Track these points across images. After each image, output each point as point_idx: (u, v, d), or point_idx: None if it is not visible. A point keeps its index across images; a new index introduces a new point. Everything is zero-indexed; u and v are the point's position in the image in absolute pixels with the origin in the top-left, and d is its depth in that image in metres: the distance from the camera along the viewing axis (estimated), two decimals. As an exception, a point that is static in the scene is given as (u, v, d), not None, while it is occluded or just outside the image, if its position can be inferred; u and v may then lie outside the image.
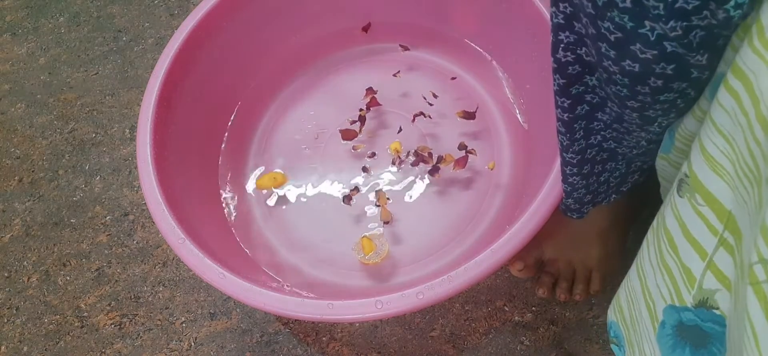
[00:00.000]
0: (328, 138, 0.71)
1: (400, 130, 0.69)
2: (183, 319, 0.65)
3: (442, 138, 0.69)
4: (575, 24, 0.38)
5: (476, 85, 0.72)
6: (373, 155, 0.68)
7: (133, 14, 0.92)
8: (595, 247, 0.58)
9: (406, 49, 0.76)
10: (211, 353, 0.62)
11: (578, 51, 0.40)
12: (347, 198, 0.65)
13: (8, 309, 0.68)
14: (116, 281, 0.68)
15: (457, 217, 0.64)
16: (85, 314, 0.66)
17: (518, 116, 0.69)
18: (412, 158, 0.66)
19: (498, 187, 0.65)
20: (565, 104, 0.44)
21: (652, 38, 0.32)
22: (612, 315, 0.42)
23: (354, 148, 0.69)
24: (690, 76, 0.34)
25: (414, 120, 0.69)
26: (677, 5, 0.30)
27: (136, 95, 0.83)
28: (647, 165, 0.50)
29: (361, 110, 0.71)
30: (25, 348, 0.65)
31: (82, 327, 0.66)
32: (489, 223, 0.63)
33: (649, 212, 0.45)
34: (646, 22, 0.32)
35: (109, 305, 0.66)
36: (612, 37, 0.34)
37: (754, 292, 0.25)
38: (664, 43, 0.32)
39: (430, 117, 0.69)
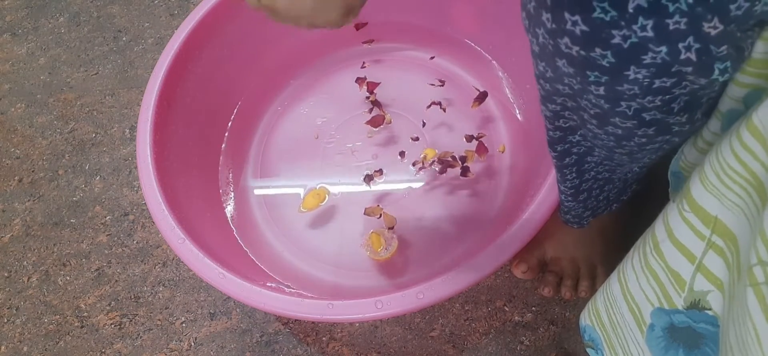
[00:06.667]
0: (328, 137, 0.71)
1: (424, 124, 0.69)
2: (183, 319, 0.65)
3: (456, 128, 0.69)
4: (549, 105, 0.40)
5: (476, 84, 0.72)
6: (403, 154, 0.68)
7: (133, 14, 0.92)
8: (599, 243, 0.58)
9: (370, 42, 0.76)
10: (211, 353, 0.62)
11: (556, 122, 0.42)
12: (368, 178, 0.65)
13: (8, 309, 0.68)
14: (116, 281, 0.68)
15: (464, 214, 0.64)
16: (85, 314, 0.66)
17: (518, 115, 0.69)
18: (437, 167, 0.66)
19: (499, 185, 0.65)
20: (553, 155, 0.46)
21: (630, 113, 0.34)
22: (586, 319, 0.42)
23: (372, 126, 0.69)
24: (672, 131, 0.35)
25: (429, 107, 0.69)
26: (655, 86, 0.31)
27: (136, 95, 0.83)
28: (643, 175, 0.51)
29: (367, 97, 0.71)
30: (25, 348, 0.65)
31: (82, 327, 0.66)
32: (490, 222, 0.63)
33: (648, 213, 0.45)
34: (622, 102, 0.33)
35: (109, 305, 0.66)
36: (592, 112, 0.36)
37: (754, 293, 0.25)
38: (643, 114, 0.33)
39: (444, 110, 0.69)
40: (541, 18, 0.32)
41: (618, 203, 0.54)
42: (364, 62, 0.75)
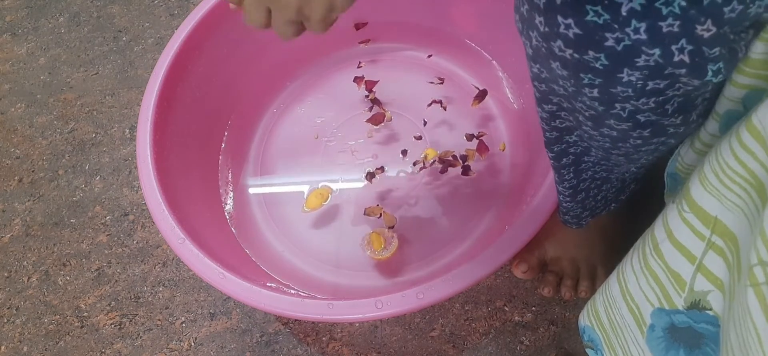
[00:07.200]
0: (328, 137, 0.71)
1: (426, 123, 0.69)
2: (183, 319, 0.65)
3: (456, 127, 0.69)
4: (545, 106, 0.40)
5: (476, 84, 0.72)
6: (404, 152, 0.68)
7: (133, 14, 0.92)
8: (599, 243, 0.58)
9: (366, 42, 0.76)
10: (211, 353, 0.62)
11: (552, 123, 0.42)
12: (370, 175, 0.65)
13: (8, 309, 0.68)
14: (116, 281, 0.68)
15: (464, 213, 0.64)
16: (85, 314, 0.66)
17: (518, 114, 0.69)
18: (438, 166, 0.66)
19: (500, 184, 0.65)
20: (550, 156, 0.46)
21: (625, 115, 0.34)
22: (585, 320, 0.42)
23: (374, 123, 0.69)
24: (667, 132, 0.36)
25: (430, 105, 0.69)
26: (648, 88, 0.31)
27: (136, 95, 0.83)
28: (641, 175, 0.51)
29: (366, 96, 0.71)
30: (25, 348, 0.65)
31: (82, 327, 0.66)
32: (490, 221, 0.63)
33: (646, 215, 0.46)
34: (616, 105, 0.33)
35: (109, 305, 0.66)
36: (587, 114, 0.36)
37: (754, 294, 0.25)
38: (638, 116, 0.33)
39: (445, 108, 0.69)
40: (534, 21, 0.32)
41: (616, 203, 0.54)
42: (360, 62, 0.75)
